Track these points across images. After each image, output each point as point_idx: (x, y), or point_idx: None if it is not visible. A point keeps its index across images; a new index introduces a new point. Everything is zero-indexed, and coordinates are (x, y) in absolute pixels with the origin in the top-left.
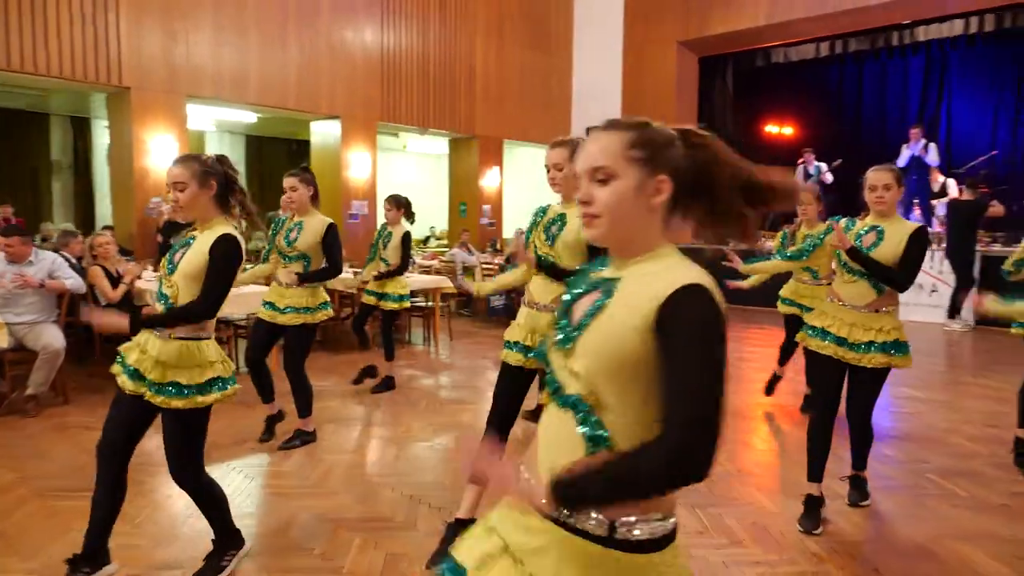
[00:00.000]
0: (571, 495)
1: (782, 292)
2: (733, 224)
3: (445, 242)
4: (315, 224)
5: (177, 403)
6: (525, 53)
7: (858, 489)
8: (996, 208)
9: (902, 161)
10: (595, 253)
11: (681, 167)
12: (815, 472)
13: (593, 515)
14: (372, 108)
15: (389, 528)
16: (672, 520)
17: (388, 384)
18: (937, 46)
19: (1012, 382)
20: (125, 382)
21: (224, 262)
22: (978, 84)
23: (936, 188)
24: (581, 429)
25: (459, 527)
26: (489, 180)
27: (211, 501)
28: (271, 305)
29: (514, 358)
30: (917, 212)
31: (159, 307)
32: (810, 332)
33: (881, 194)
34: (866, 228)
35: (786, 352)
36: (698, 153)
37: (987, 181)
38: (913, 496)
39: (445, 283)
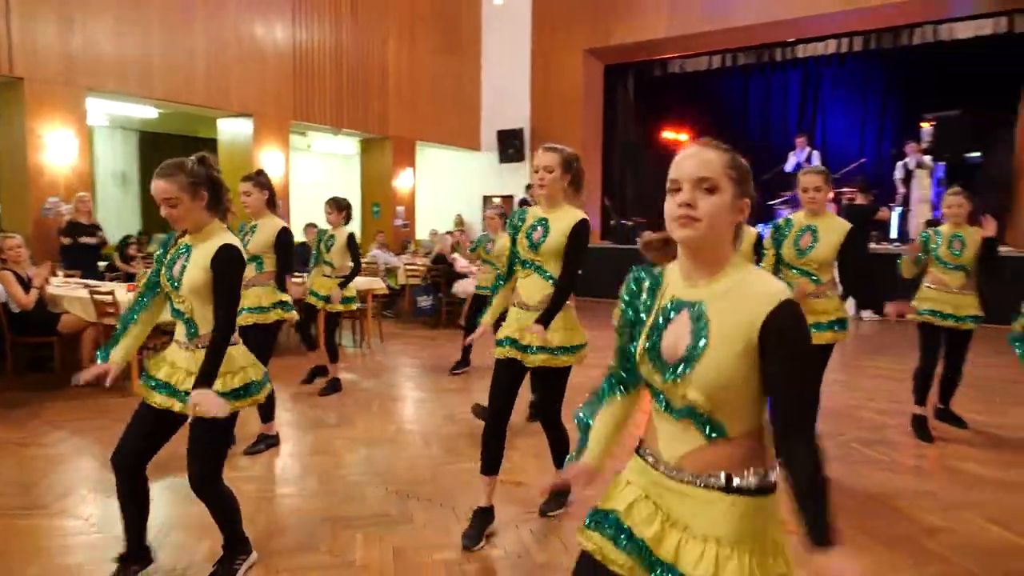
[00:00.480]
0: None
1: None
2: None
3: None
4: (269, 227)
5: (233, 404)
6: (436, 55)
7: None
8: (884, 212)
9: (789, 167)
10: (573, 258)
11: (753, 198)
12: None
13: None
14: (285, 106)
15: (386, 523)
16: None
17: (335, 386)
18: (813, 63)
19: (903, 364)
20: (154, 396)
21: (230, 275)
22: (848, 98)
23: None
24: (700, 429)
25: (484, 512)
26: (403, 181)
27: (227, 507)
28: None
29: (502, 352)
30: None
31: (179, 325)
32: None
33: (812, 195)
34: (802, 230)
35: None
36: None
37: (858, 186)
38: (845, 464)
39: (377, 284)
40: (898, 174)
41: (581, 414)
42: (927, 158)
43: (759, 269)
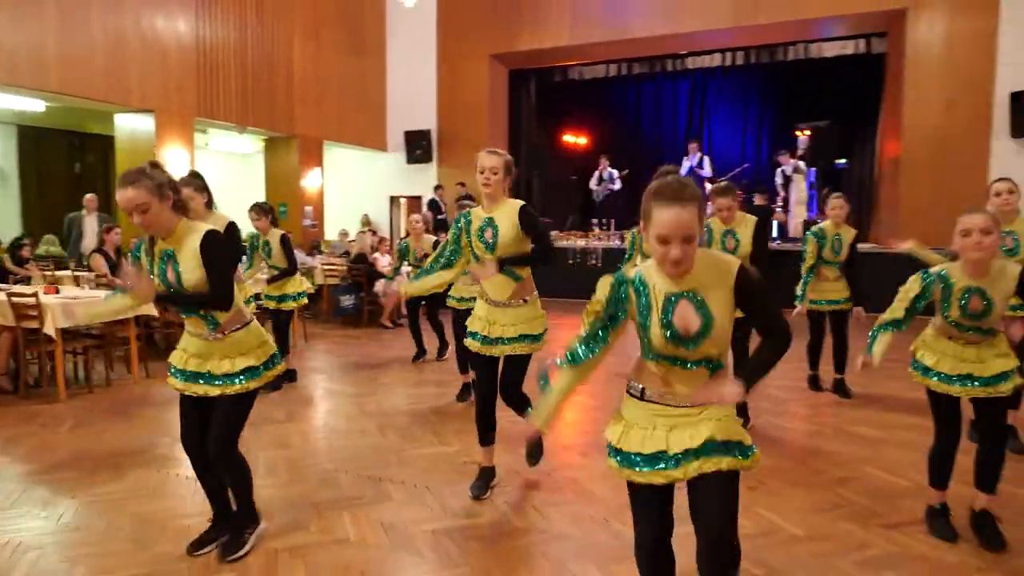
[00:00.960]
0: (754, 382)
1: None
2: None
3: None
4: (217, 226)
5: (253, 384)
6: (342, 55)
7: (532, 454)
8: (780, 214)
9: (683, 171)
10: (540, 229)
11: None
12: None
13: None
14: (188, 103)
15: (367, 503)
16: None
17: (291, 376)
18: (700, 74)
19: (797, 345)
20: (187, 386)
21: (221, 255)
22: (731, 107)
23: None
24: (708, 369)
25: (487, 469)
26: (310, 181)
27: (241, 476)
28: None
29: (476, 346)
30: None
31: (196, 322)
32: None
33: (726, 213)
34: (723, 234)
35: None
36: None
37: (742, 189)
38: (759, 434)
39: (305, 284)
40: (778, 179)
41: (541, 380)
42: (802, 164)
43: (706, 250)
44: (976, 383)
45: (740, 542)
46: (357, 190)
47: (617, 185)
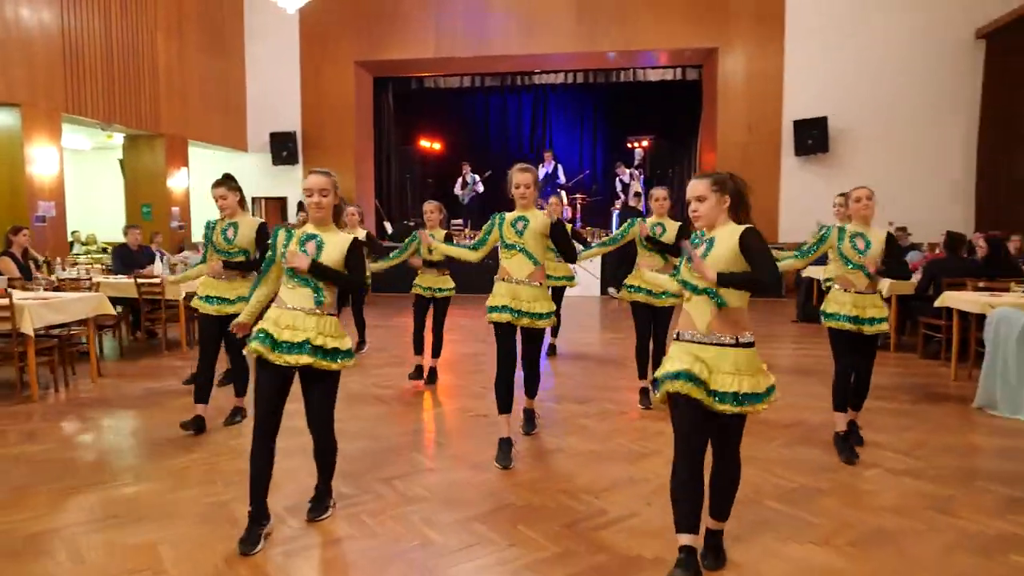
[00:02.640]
0: (726, 281)
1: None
2: (744, 215)
3: (100, 247)
4: (248, 224)
5: (347, 362)
6: (203, 56)
7: (529, 421)
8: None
9: (540, 176)
10: (557, 239)
11: (731, 191)
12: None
13: (736, 337)
14: (55, 98)
15: (411, 474)
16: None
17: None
18: (543, 89)
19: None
20: (280, 356)
21: (363, 257)
22: (570, 120)
23: (564, 200)
24: (713, 300)
25: (506, 440)
26: (177, 181)
27: (334, 451)
28: (218, 299)
29: (503, 317)
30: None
31: (302, 294)
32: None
33: (662, 203)
34: (653, 225)
35: None
36: (737, 185)
37: (586, 193)
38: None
39: None
40: (618, 186)
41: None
42: (637, 172)
43: (730, 223)
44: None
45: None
46: None
47: (481, 188)
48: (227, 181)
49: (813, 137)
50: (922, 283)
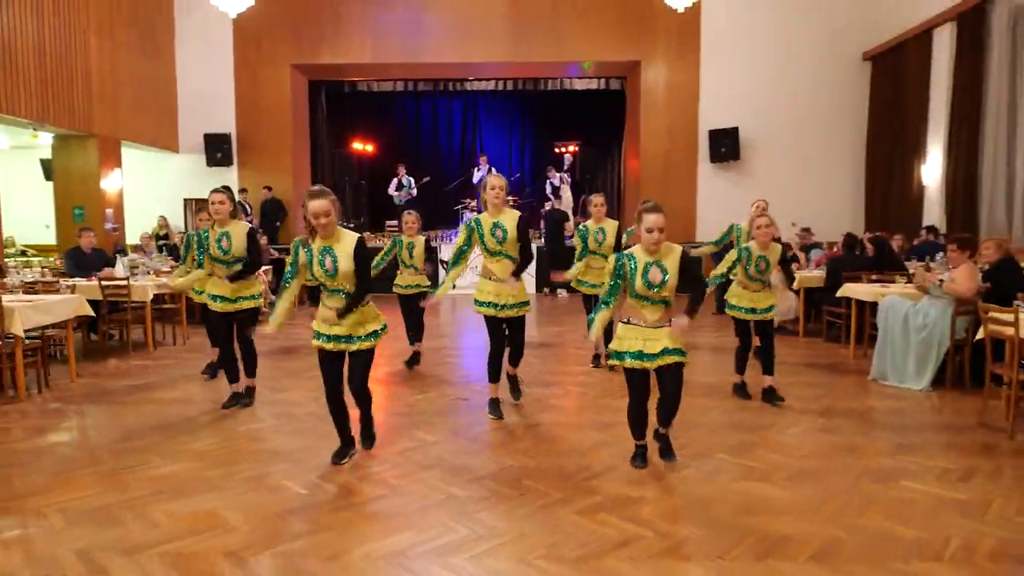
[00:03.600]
0: (694, 313)
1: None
2: None
3: (19, 249)
4: (240, 231)
5: (374, 342)
6: (135, 56)
7: (515, 389)
8: (576, 218)
9: (476, 180)
10: (526, 240)
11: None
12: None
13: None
14: None
15: (423, 447)
16: None
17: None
18: (473, 95)
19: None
20: (336, 345)
21: (368, 257)
22: (499, 125)
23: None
24: (661, 305)
25: (495, 400)
26: (111, 182)
27: (370, 405)
28: (222, 298)
29: (491, 311)
30: None
31: (334, 297)
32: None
33: (600, 208)
34: (596, 231)
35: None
36: None
37: (518, 196)
38: (575, 399)
39: None
40: (548, 189)
41: (589, 317)
42: (567, 176)
43: (670, 243)
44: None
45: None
46: (150, 192)
47: (415, 192)
48: (227, 190)
49: (726, 146)
50: (827, 277)
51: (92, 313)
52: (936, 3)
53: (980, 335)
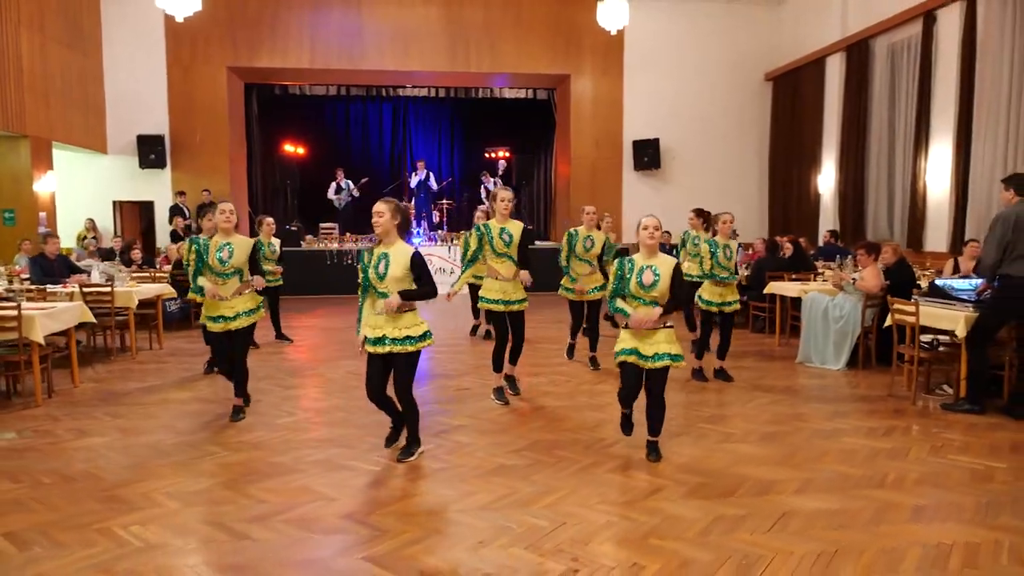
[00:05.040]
0: (669, 311)
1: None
2: None
3: None
4: (243, 243)
5: (411, 348)
6: (64, 51)
7: (513, 385)
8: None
9: (413, 184)
10: (526, 247)
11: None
12: None
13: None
14: None
15: (433, 435)
16: None
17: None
18: (404, 100)
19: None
20: (376, 348)
21: (427, 266)
22: (428, 131)
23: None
24: (656, 307)
25: (499, 388)
26: (44, 185)
27: (415, 412)
28: (223, 318)
29: (499, 308)
30: (424, 225)
31: (379, 302)
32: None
33: (507, 205)
34: (500, 230)
35: None
36: None
37: (453, 200)
38: (565, 385)
39: (168, 290)
40: (484, 194)
41: (609, 308)
42: (500, 181)
43: (662, 254)
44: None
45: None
46: (76, 194)
47: (356, 194)
48: (224, 201)
49: (648, 155)
50: (752, 276)
51: (94, 320)
52: (828, 35)
53: (888, 322)
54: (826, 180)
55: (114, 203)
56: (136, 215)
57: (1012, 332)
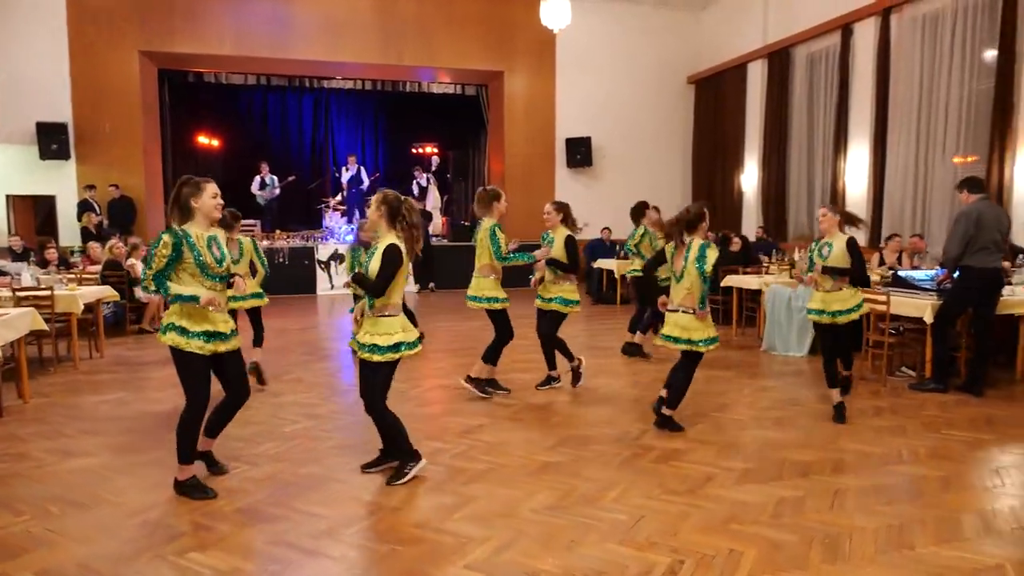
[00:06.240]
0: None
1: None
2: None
3: None
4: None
5: (376, 357)
6: None
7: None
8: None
9: (344, 180)
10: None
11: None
12: None
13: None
14: None
15: (459, 433)
16: None
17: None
18: (326, 92)
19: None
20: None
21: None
22: (351, 125)
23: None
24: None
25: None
26: None
27: (392, 425)
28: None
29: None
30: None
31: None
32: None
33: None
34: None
35: None
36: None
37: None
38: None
39: (108, 292)
40: (416, 190)
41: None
42: (433, 177)
43: (698, 240)
44: None
45: None
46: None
47: (278, 191)
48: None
49: (581, 153)
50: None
51: (46, 327)
52: (749, 43)
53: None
54: (749, 179)
55: (7, 197)
56: (30, 211)
57: (966, 319)
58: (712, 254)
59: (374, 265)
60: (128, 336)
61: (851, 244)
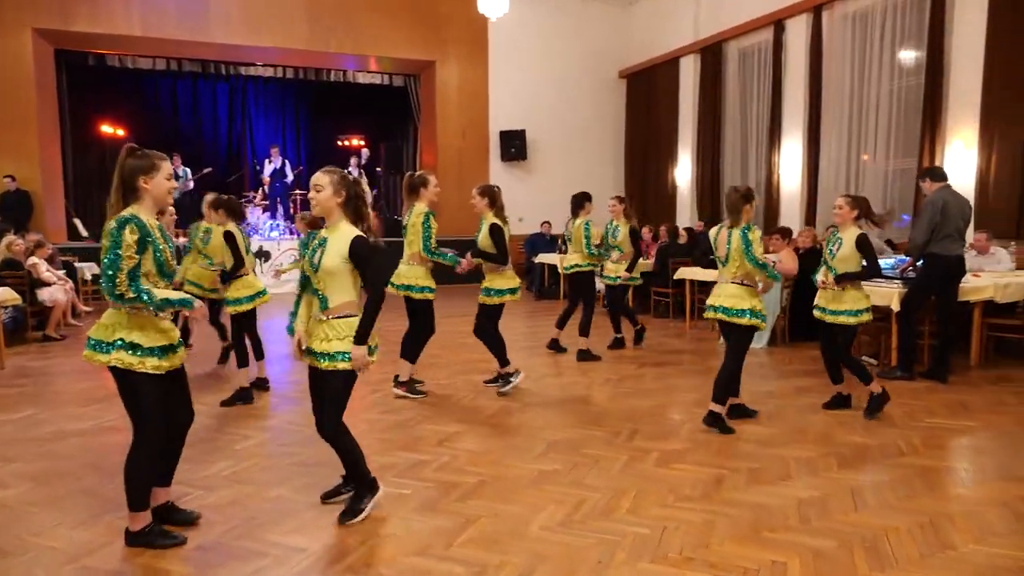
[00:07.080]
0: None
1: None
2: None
3: None
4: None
5: (324, 364)
6: None
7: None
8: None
9: (267, 173)
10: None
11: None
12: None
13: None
14: None
15: (479, 422)
16: None
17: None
18: (242, 80)
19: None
20: (311, 359)
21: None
22: (270, 114)
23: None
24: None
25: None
26: None
27: (348, 448)
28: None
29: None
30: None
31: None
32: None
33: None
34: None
35: None
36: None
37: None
38: (549, 379)
39: (11, 295)
40: None
41: None
42: (363, 170)
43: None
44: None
45: None
46: None
47: (192, 184)
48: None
49: (515, 146)
50: (657, 262)
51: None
52: (681, 38)
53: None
54: (683, 173)
55: None
56: None
57: (930, 306)
58: (754, 236)
59: (334, 261)
60: (31, 344)
61: (861, 241)
